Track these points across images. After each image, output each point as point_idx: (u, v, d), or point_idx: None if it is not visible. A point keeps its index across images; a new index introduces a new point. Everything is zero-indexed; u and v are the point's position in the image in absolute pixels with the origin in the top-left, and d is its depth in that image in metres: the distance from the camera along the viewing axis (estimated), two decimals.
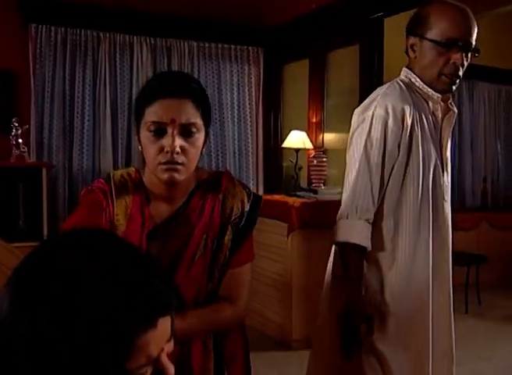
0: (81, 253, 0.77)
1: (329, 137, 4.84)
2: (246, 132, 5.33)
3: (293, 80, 5.37)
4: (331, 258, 1.97)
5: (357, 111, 1.88)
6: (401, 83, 1.86)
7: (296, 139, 4.69)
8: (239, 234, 1.46)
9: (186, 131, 1.35)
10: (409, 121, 1.77)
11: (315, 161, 4.55)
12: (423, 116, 1.82)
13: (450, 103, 1.94)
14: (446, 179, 1.90)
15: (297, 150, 4.64)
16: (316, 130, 4.91)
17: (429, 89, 1.83)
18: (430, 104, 1.85)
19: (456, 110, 1.94)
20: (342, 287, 1.80)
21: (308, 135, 4.80)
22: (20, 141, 3.93)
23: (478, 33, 1.78)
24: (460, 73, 1.80)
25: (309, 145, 4.71)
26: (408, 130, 1.77)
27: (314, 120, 4.93)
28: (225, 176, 1.51)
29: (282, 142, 5.03)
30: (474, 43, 1.78)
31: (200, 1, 4.83)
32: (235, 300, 1.47)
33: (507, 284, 5.80)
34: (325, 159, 4.58)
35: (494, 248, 5.71)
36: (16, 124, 3.92)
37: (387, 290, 1.82)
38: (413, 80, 1.85)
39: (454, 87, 1.84)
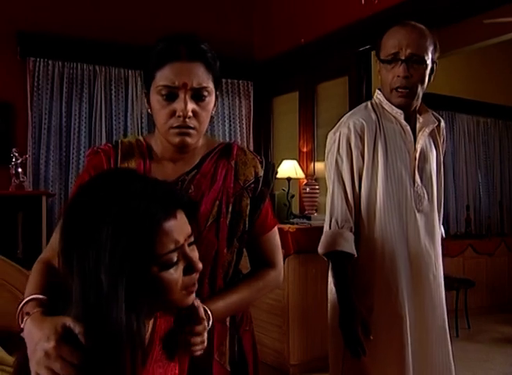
0: (112, 181, 1.03)
1: (320, 166, 4.97)
2: None
3: (284, 112, 5.53)
4: (330, 278, 2.01)
5: (329, 133, 2.01)
6: (369, 103, 1.98)
7: (288, 168, 4.81)
8: (257, 199, 1.45)
9: (198, 95, 1.33)
10: (370, 135, 1.89)
11: (308, 188, 4.67)
12: (389, 131, 1.92)
13: (437, 118, 2.02)
14: (421, 190, 1.93)
15: (289, 179, 4.76)
16: (307, 160, 5.05)
17: (392, 106, 1.92)
18: (398, 119, 1.93)
19: (437, 122, 2.00)
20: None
21: (300, 164, 4.93)
22: (20, 170, 3.98)
23: (427, 43, 1.84)
24: (411, 85, 1.85)
25: (301, 174, 4.84)
26: (371, 143, 1.89)
27: (305, 150, 5.07)
28: (235, 144, 1.50)
29: None
30: (421, 53, 1.83)
31: None
32: (274, 264, 1.50)
33: (495, 309, 5.93)
34: (317, 187, 4.69)
35: (480, 274, 5.86)
36: (16, 154, 3.97)
37: (369, 295, 1.91)
38: (381, 98, 1.95)
39: (413, 100, 1.90)
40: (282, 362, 4.05)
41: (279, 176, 4.87)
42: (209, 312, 1.21)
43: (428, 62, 1.85)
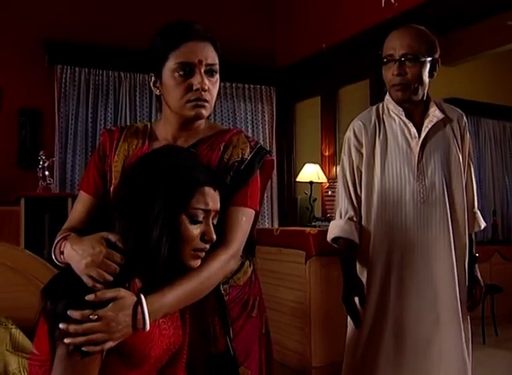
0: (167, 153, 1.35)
1: None
2: None
3: (306, 117, 5.56)
4: None
5: None
6: (374, 107, 2.17)
7: (310, 172, 4.83)
8: (237, 178, 1.48)
9: (210, 71, 1.47)
10: (368, 135, 2.07)
11: (330, 192, 4.67)
12: (391, 129, 2.07)
13: (446, 111, 2.09)
14: (425, 183, 2.01)
15: (311, 183, 4.77)
16: (329, 163, 5.06)
17: (395, 104, 2.07)
18: (400, 116, 2.06)
19: (443, 115, 2.06)
20: None
21: (322, 168, 4.94)
22: (47, 173, 4.09)
23: (421, 42, 1.97)
24: (405, 81, 1.98)
25: (323, 178, 4.85)
26: (369, 142, 2.07)
27: (327, 154, 5.09)
28: (233, 130, 1.59)
29: (295, 176, 5.16)
30: (414, 52, 1.96)
31: None
32: (227, 241, 1.41)
33: None
34: None
35: (508, 281, 5.72)
36: (43, 157, 4.08)
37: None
38: (388, 98, 2.11)
39: (411, 95, 2.01)
40: (305, 364, 4.03)
41: (301, 180, 4.90)
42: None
43: (424, 59, 1.98)
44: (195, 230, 1.25)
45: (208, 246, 1.29)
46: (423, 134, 2.04)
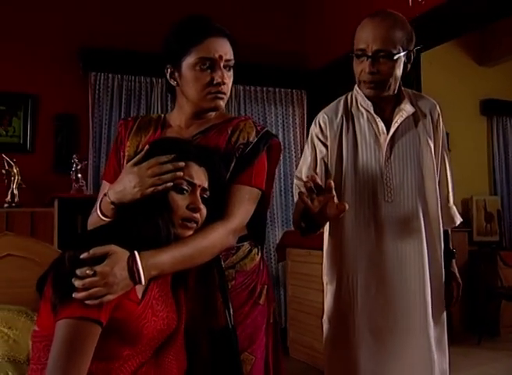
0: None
1: None
2: (291, 171, 5.46)
3: None
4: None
5: None
6: (344, 97, 2.05)
7: None
8: (241, 160, 1.55)
9: (228, 67, 1.61)
10: (334, 128, 1.96)
11: None
12: (359, 123, 1.96)
13: (419, 104, 2.01)
14: (392, 181, 1.91)
15: None
16: None
17: (364, 97, 1.95)
18: (369, 111, 1.95)
19: (413, 109, 1.96)
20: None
21: None
22: (79, 175, 4.20)
23: (396, 35, 1.84)
24: (377, 80, 1.87)
25: None
26: (335, 136, 1.95)
27: None
28: (241, 117, 1.68)
29: None
30: (388, 48, 1.83)
31: (245, 48, 5.11)
32: (227, 216, 1.47)
33: None
34: None
35: None
36: (76, 160, 4.20)
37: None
38: (358, 90, 1.99)
39: (383, 91, 1.90)
40: None
41: None
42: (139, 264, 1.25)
43: (399, 55, 1.85)
44: (181, 201, 1.34)
45: (197, 216, 1.36)
46: (392, 130, 1.94)
